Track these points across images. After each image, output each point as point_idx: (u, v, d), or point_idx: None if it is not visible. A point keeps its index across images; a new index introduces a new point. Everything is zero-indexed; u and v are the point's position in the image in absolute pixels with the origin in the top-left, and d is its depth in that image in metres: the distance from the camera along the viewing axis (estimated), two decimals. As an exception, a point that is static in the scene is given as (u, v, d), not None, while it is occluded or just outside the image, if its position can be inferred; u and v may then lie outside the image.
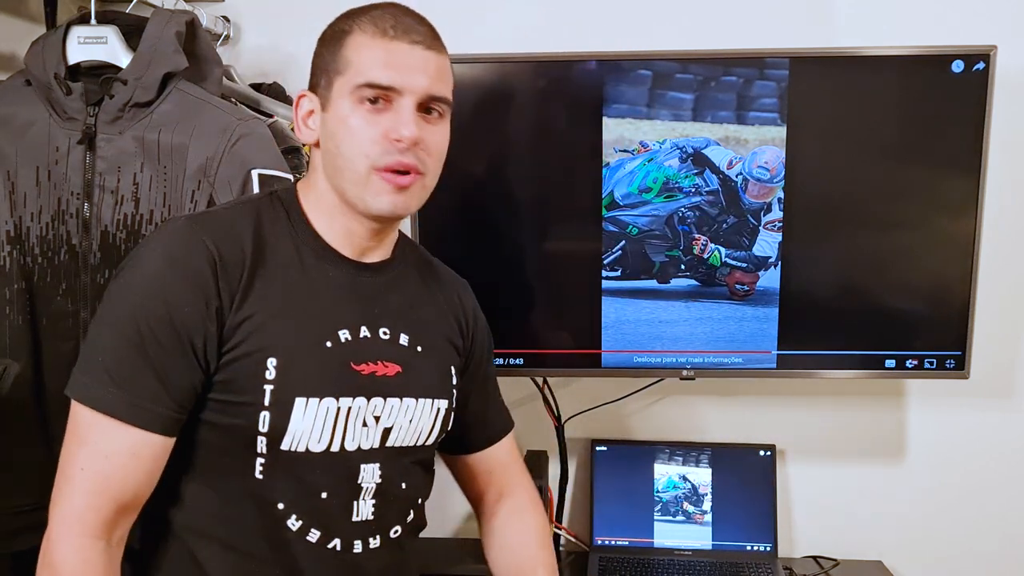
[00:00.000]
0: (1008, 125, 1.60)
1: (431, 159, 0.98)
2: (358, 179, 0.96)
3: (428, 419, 1.05)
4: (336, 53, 0.97)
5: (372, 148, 0.94)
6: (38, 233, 1.28)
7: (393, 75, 0.94)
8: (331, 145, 0.97)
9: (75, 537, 0.88)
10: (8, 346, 1.27)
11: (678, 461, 1.71)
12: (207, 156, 1.25)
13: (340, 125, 0.96)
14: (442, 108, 0.99)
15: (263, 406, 0.93)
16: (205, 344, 0.92)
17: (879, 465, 1.78)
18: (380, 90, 0.94)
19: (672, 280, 1.55)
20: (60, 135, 1.27)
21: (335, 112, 0.97)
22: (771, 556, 1.67)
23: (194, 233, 0.94)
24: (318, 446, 0.96)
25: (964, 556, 1.78)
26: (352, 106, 0.95)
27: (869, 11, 1.63)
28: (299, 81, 1.69)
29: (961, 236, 1.50)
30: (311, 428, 0.95)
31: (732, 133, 1.49)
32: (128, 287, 0.93)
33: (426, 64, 0.96)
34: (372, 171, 0.95)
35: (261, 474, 0.95)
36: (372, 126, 0.94)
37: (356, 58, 0.95)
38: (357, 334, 1.00)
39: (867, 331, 1.55)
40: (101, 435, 0.89)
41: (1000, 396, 1.73)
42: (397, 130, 0.94)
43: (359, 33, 0.96)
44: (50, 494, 1.30)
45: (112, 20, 1.33)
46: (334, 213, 1.01)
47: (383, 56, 0.94)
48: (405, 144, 0.94)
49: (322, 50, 1.00)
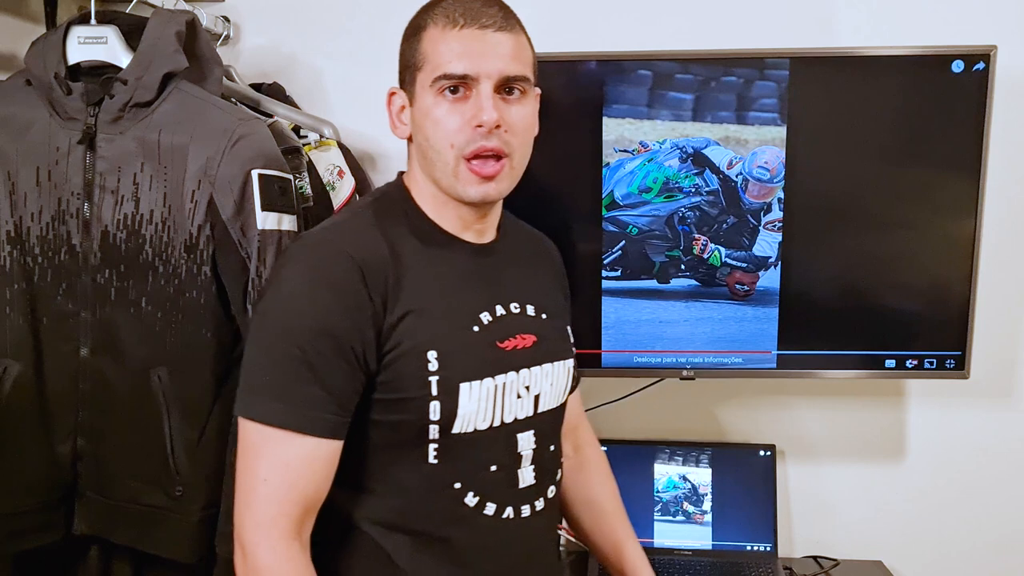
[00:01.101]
0: (1008, 125, 1.60)
1: (516, 138, 1.01)
2: (449, 169, 1.00)
3: (563, 379, 1.13)
4: (414, 49, 1.01)
5: (457, 137, 0.98)
6: (38, 233, 1.28)
7: (467, 63, 0.97)
8: (421, 138, 1.02)
9: (274, 541, 0.93)
10: (8, 346, 1.27)
11: (678, 461, 1.71)
12: (207, 156, 1.25)
13: (425, 118, 1.00)
14: (522, 86, 1.01)
15: (432, 396, 0.98)
16: (364, 349, 0.96)
17: (879, 465, 1.78)
18: (457, 80, 0.98)
19: (672, 280, 1.55)
20: (60, 135, 1.27)
21: (420, 106, 1.01)
22: (771, 556, 1.67)
23: (332, 245, 0.98)
24: (483, 424, 1.02)
25: (964, 556, 1.78)
26: (434, 98, 0.99)
27: (869, 11, 1.63)
28: (299, 81, 1.70)
29: (961, 236, 1.50)
30: (476, 409, 1.00)
31: (732, 133, 1.49)
32: (277, 308, 0.97)
33: (498, 46, 0.98)
34: (460, 160, 0.99)
35: (435, 459, 1.00)
36: (455, 115, 0.98)
37: (431, 52, 0.99)
38: (495, 314, 1.05)
39: (867, 331, 1.55)
40: (276, 447, 0.94)
41: (1000, 396, 1.73)
42: (478, 116, 0.97)
43: (432, 27, 0.99)
44: (51, 495, 1.30)
45: (112, 20, 1.33)
46: (441, 201, 1.05)
47: (455, 46, 0.97)
48: (487, 128, 0.97)
49: (404, 47, 1.04)
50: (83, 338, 1.28)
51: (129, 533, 1.32)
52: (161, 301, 1.27)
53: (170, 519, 1.30)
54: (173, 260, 1.27)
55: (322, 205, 1.48)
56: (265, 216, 1.26)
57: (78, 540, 1.34)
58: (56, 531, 1.31)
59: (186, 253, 1.26)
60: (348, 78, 1.71)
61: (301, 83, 1.70)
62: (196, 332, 1.28)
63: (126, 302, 1.28)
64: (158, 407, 1.28)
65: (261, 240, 1.25)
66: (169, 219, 1.26)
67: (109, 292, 1.28)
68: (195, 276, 1.27)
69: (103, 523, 1.32)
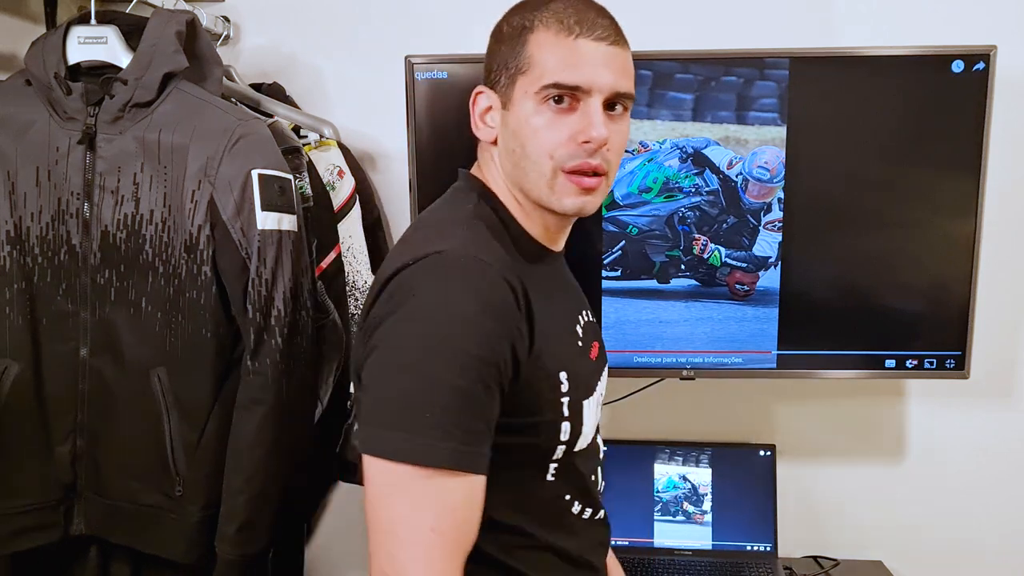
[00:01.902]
0: (1008, 125, 1.60)
1: (615, 157, 0.97)
2: (544, 180, 0.94)
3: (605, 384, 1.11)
4: (518, 50, 0.94)
5: (559, 150, 0.93)
6: (38, 233, 1.28)
7: (580, 74, 0.91)
8: (514, 145, 0.95)
9: None
10: (8, 347, 1.27)
11: (678, 461, 1.71)
12: (207, 156, 1.25)
13: (524, 125, 0.94)
14: (626, 103, 0.97)
15: (564, 418, 0.94)
16: (509, 375, 0.89)
17: (879, 465, 1.78)
18: (566, 90, 0.92)
19: (672, 280, 1.55)
20: (60, 135, 1.27)
21: (518, 111, 0.94)
22: (771, 556, 1.67)
23: (486, 265, 0.89)
24: (591, 437, 1.01)
25: (964, 556, 1.78)
26: (536, 106, 0.93)
27: (869, 11, 1.63)
28: (299, 81, 1.70)
29: (961, 236, 1.50)
30: (592, 425, 1.00)
31: (732, 133, 1.49)
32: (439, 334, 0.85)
33: (611, 61, 0.93)
34: (558, 172, 0.94)
35: (553, 477, 0.97)
36: (558, 127, 0.92)
37: (541, 57, 0.93)
38: (581, 325, 1.05)
39: (867, 331, 1.55)
40: (441, 490, 0.84)
41: (1000, 396, 1.73)
42: (586, 132, 0.92)
43: (542, 30, 0.93)
44: (50, 495, 1.30)
45: (112, 20, 1.33)
46: (527, 210, 0.99)
47: (569, 55, 0.92)
48: (594, 146, 0.92)
49: (500, 47, 0.97)
50: (83, 338, 1.28)
51: (128, 533, 1.32)
52: (161, 301, 1.27)
53: (169, 519, 1.30)
54: (173, 260, 1.26)
55: (322, 205, 1.48)
56: (265, 216, 1.26)
57: (77, 540, 1.34)
58: (55, 531, 1.31)
59: (186, 253, 1.26)
60: (348, 78, 1.71)
61: (301, 83, 1.70)
62: (196, 332, 1.28)
63: (126, 302, 1.28)
64: (158, 407, 1.28)
65: (261, 240, 1.25)
66: (169, 219, 1.26)
67: (109, 292, 1.28)
68: (195, 276, 1.27)
69: (102, 523, 1.32)
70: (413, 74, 1.48)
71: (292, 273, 1.27)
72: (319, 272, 1.45)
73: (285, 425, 1.28)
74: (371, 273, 1.58)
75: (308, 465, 1.45)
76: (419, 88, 1.48)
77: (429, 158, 1.50)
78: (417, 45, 1.58)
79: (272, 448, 1.27)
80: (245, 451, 1.26)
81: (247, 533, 1.27)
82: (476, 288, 0.87)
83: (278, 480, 1.29)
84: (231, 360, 1.31)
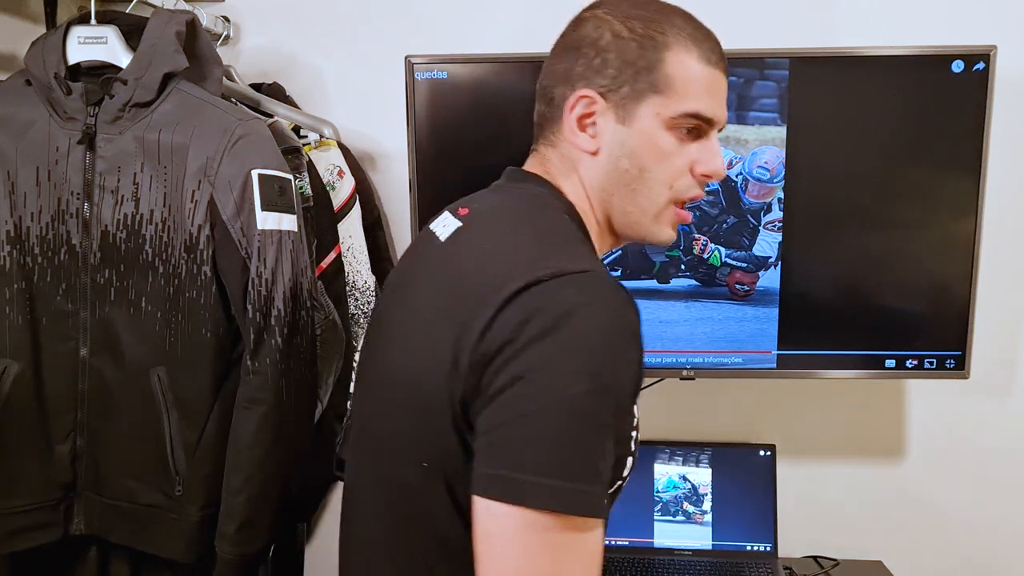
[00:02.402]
0: (1008, 125, 1.60)
1: None
2: (654, 208, 0.90)
3: None
4: (652, 66, 0.87)
5: (679, 180, 0.89)
6: (38, 233, 1.28)
7: (716, 109, 0.89)
8: (629, 165, 0.88)
9: None
10: (8, 346, 1.27)
11: (678, 461, 1.71)
12: (207, 156, 1.25)
13: (649, 147, 0.88)
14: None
15: (631, 452, 0.85)
16: None
17: (879, 465, 1.78)
18: (703, 121, 0.88)
19: (672, 280, 1.55)
20: (60, 135, 1.27)
21: (644, 130, 0.88)
22: (771, 556, 1.67)
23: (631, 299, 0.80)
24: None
25: (964, 556, 1.78)
26: (666, 131, 0.88)
27: (869, 11, 1.63)
28: (299, 81, 1.70)
29: (961, 236, 1.50)
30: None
31: (732, 133, 1.49)
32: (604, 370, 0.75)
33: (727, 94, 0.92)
34: (671, 204, 0.90)
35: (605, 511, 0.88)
36: (681, 156, 0.89)
37: (683, 82, 0.87)
38: None
39: (867, 331, 1.55)
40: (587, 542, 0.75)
41: (1000, 395, 1.73)
42: (708, 165, 0.89)
43: (683, 52, 0.87)
44: (50, 495, 1.30)
45: (112, 20, 1.33)
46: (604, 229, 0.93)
47: (711, 86, 0.88)
48: (714, 180, 0.91)
49: (624, 55, 0.88)
50: (82, 338, 1.29)
51: (128, 533, 1.32)
52: (161, 301, 1.27)
53: (169, 519, 1.30)
54: (173, 260, 1.27)
55: (322, 205, 1.48)
56: (265, 216, 1.26)
57: (77, 540, 1.34)
58: (55, 530, 1.31)
59: (186, 253, 1.26)
60: (348, 78, 1.71)
61: (301, 83, 1.70)
62: (196, 332, 1.28)
63: (126, 302, 1.28)
64: (157, 407, 1.28)
65: (261, 240, 1.25)
66: (169, 219, 1.26)
67: (109, 292, 1.28)
68: (195, 276, 1.27)
69: (102, 523, 1.32)
70: (413, 74, 1.48)
71: (292, 273, 1.27)
72: (319, 272, 1.45)
73: (285, 425, 1.28)
74: (371, 273, 1.58)
75: (308, 465, 1.45)
76: (419, 88, 1.48)
77: (429, 158, 1.50)
78: (417, 45, 1.58)
79: (272, 448, 1.27)
80: (245, 451, 1.26)
81: (247, 533, 1.27)
82: (631, 320, 0.79)
83: (278, 480, 1.29)
84: (231, 360, 1.31)
